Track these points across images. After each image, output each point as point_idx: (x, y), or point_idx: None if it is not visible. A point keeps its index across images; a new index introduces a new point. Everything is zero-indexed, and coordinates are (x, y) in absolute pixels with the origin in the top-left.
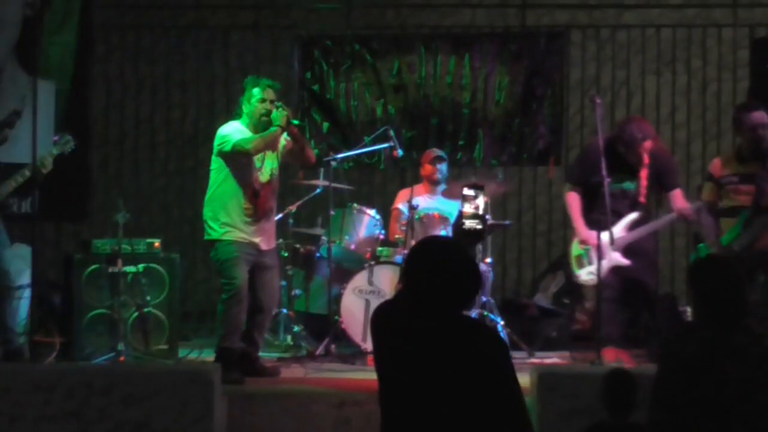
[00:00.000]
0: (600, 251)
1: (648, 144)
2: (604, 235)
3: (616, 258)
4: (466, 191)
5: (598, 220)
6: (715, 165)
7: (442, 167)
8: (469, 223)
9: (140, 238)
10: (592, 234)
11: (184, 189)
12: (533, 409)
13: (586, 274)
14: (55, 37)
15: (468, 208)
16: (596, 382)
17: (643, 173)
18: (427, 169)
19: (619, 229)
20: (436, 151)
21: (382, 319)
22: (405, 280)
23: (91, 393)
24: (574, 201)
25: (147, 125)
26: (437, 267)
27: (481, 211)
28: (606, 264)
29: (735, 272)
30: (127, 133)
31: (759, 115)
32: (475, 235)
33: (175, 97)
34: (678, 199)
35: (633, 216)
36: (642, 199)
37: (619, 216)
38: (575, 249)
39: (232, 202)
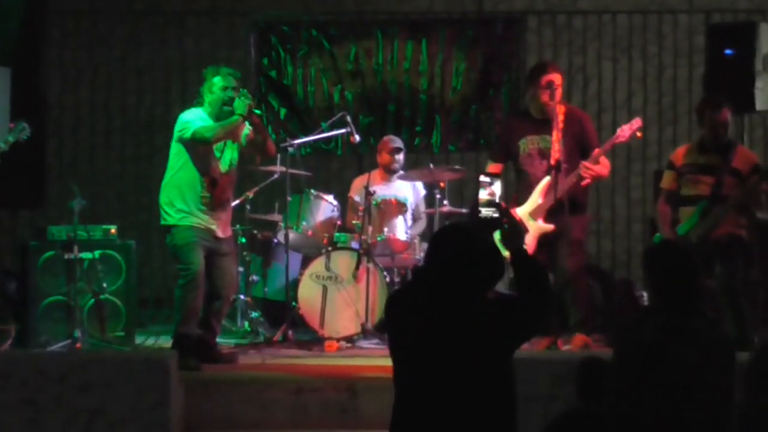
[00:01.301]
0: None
1: (556, 78)
2: (520, 210)
3: (539, 226)
4: (483, 178)
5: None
6: (677, 154)
7: (400, 157)
8: (485, 212)
9: (96, 224)
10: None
11: (140, 175)
12: None
13: None
14: (5, 23)
15: (483, 195)
16: (552, 368)
17: (555, 135)
18: (384, 158)
19: (536, 197)
20: (395, 141)
21: (400, 301)
22: (428, 265)
23: (46, 380)
24: None
25: (102, 111)
26: (461, 253)
27: (497, 199)
28: (531, 236)
29: (689, 257)
30: (82, 120)
31: (721, 115)
32: (491, 224)
33: (130, 84)
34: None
35: (545, 181)
36: (552, 161)
37: (538, 179)
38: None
39: (189, 190)
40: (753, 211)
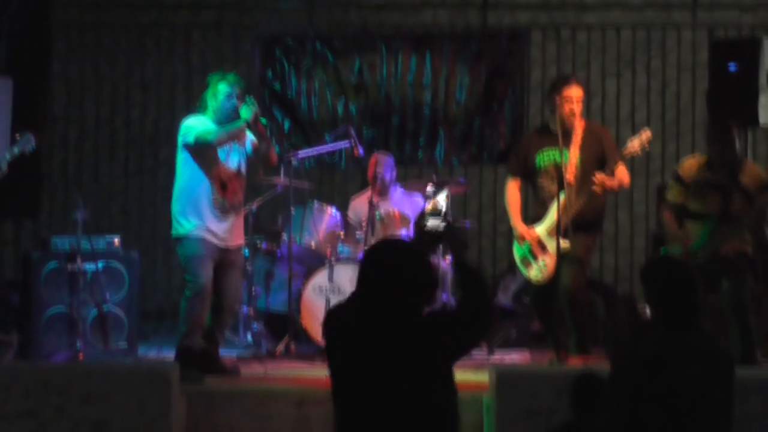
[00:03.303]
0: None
1: (576, 92)
2: (538, 229)
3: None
4: (428, 190)
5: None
6: (684, 168)
7: (385, 179)
8: (431, 223)
9: (100, 236)
10: (529, 230)
11: (144, 188)
12: (492, 408)
13: (536, 272)
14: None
15: (429, 207)
16: (555, 382)
17: (573, 151)
18: (370, 176)
19: (552, 215)
20: (379, 164)
21: (336, 319)
22: (361, 281)
23: (48, 392)
24: (511, 195)
25: (107, 125)
26: (393, 269)
27: (442, 209)
28: (551, 254)
29: (686, 272)
30: (87, 132)
31: (728, 136)
32: (437, 236)
33: (135, 97)
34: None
35: (561, 198)
36: (569, 177)
37: (552, 195)
38: (517, 250)
39: (200, 196)
40: (763, 230)
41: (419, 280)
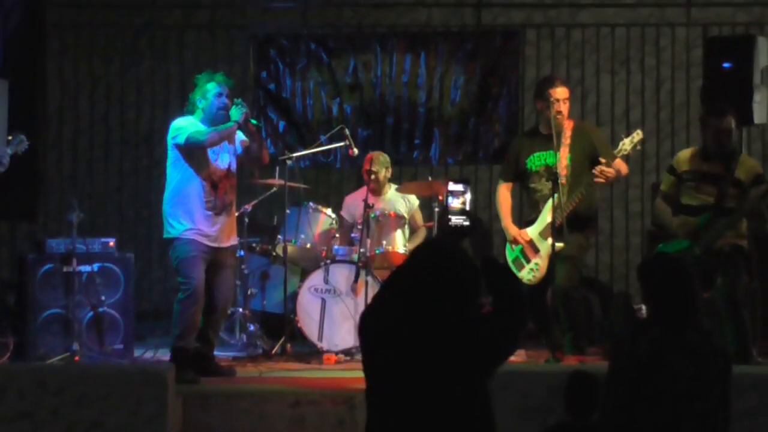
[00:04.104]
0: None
1: (562, 93)
2: (530, 230)
3: (549, 246)
4: (453, 186)
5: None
6: (679, 159)
7: (379, 177)
8: (455, 220)
9: (95, 237)
10: (521, 232)
11: (139, 188)
12: None
13: (527, 273)
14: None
15: (454, 204)
16: (550, 381)
17: (563, 152)
18: (365, 172)
19: (544, 216)
20: (373, 162)
21: (373, 320)
22: (404, 282)
23: (44, 393)
24: (503, 198)
25: (102, 124)
26: (439, 271)
27: (468, 207)
28: (543, 255)
29: (683, 270)
30: (81, 132)
31: (724, 122)
32: (461, 232)
33: (130, 97)
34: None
35: (554, 197)
36: (562, 180)
37: (545, 197)
38: (509, 253)
39: (191, 196)
40: (761, 222)
41: (465, 285)
